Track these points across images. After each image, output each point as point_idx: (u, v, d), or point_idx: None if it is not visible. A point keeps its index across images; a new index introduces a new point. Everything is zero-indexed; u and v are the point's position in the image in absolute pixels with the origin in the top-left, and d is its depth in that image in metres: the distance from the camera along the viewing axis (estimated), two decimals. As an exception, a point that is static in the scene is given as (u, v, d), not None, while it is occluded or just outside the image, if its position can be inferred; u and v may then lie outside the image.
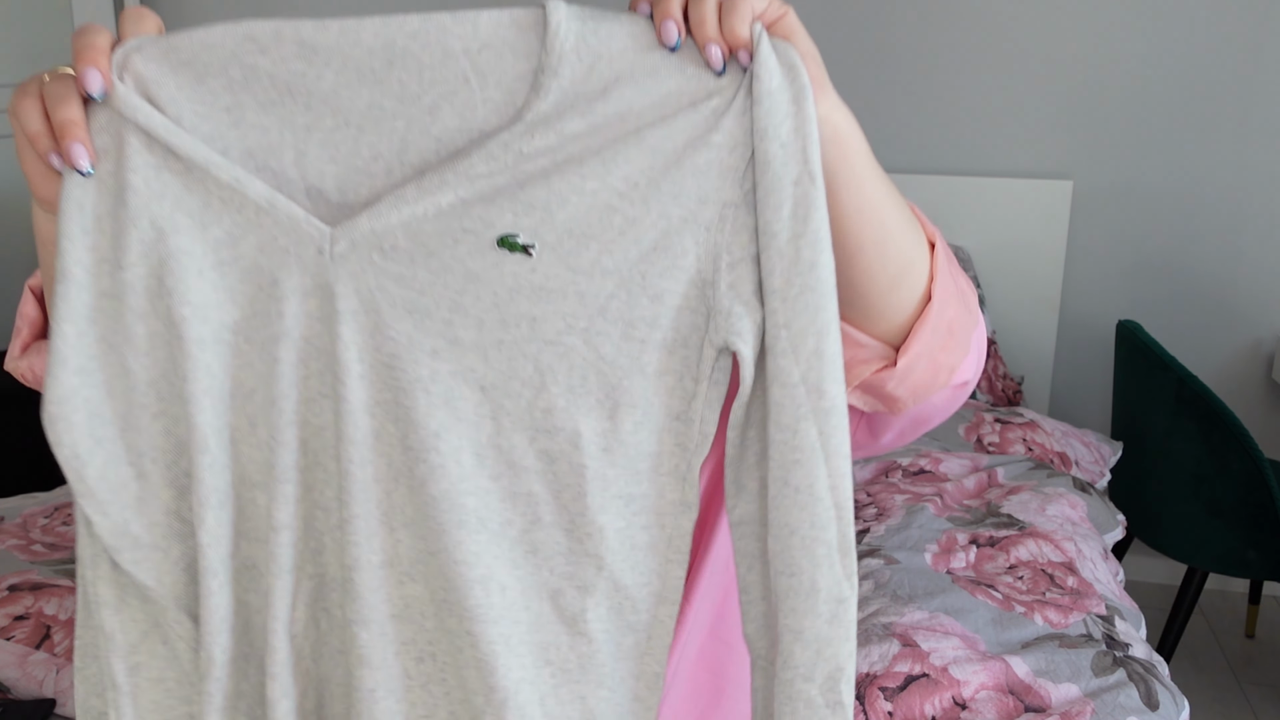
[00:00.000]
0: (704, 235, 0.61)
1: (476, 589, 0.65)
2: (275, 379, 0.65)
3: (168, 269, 0.64)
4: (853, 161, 0.65)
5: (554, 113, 0.60)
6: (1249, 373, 2.67)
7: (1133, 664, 1.27)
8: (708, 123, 0.60)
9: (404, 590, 0.67)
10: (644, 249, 0.62)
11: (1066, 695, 1.21)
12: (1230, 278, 2.63)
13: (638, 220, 0.61)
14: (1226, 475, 2.06)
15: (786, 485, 0.62)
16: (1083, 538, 1.60)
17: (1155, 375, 2.13)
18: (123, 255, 0.64)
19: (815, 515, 0.62)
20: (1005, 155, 2.68)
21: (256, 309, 0.65)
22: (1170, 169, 2.60)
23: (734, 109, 0.60)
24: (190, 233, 0.63)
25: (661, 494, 0.66)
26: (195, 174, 0.63)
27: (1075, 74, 2.60)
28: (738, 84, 0.60)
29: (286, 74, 0.61)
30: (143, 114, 0.62)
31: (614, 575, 0.67)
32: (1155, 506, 2.22)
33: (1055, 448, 1.98)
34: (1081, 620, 1.36)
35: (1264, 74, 2.51)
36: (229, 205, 0.63)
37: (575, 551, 0.66)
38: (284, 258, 0.63)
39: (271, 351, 0.65)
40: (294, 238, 0.63)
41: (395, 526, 0.66)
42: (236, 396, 0.66)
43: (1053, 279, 2.65)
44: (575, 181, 0.61)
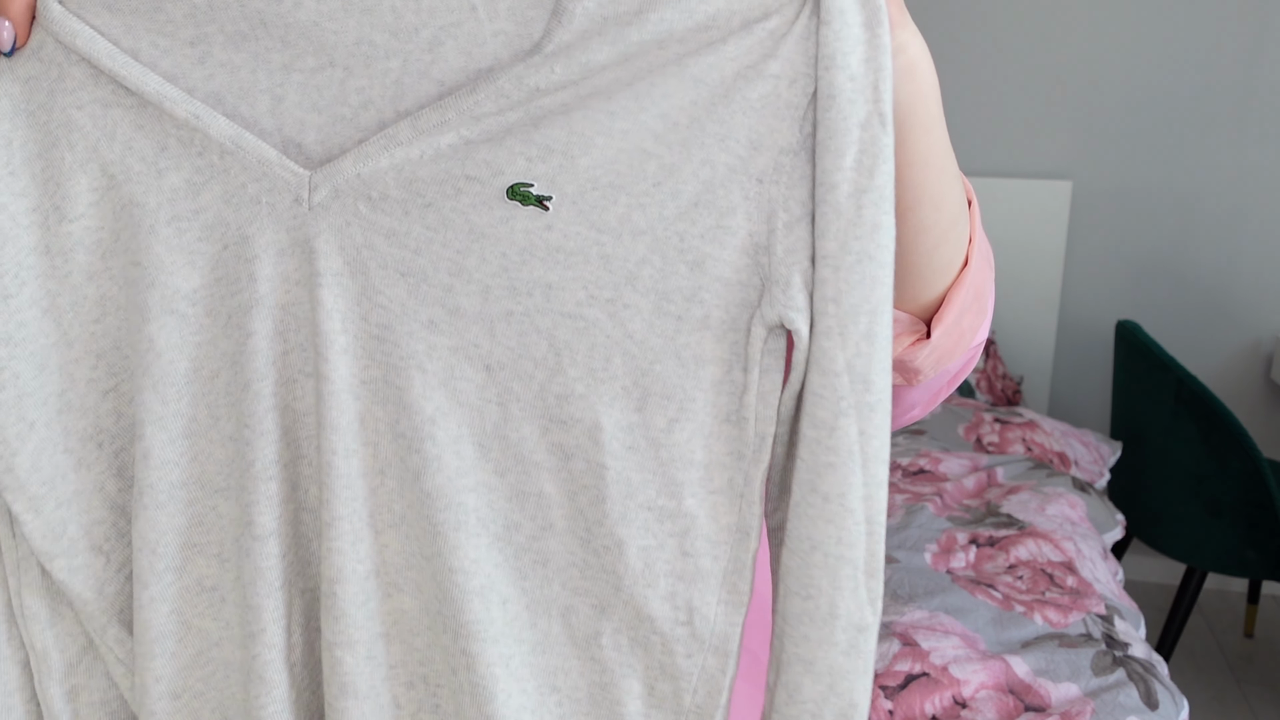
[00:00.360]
0: (756, 189, 0.50)
1: (474, 601, 0.55)
2: (247, 357, 0.54)
3: (122, 222, 0.53)
4: (927, 102, 0.54)
5: (578, 41, 0.48)
6: (1248, 373, 2.68)
7: (1132, 663, 1.28)
8: (764, 48, 0.48)
9: (391, 603, 0.57)
10: (683, 204, 0.50)
11: (1066, 694, 1.21)
12: (1229, 278, 2.63)
13: (676, 168, 0.50)
14: (1225, 475, 2.06)
15: (814, 492, 0.51)
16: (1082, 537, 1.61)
17: (1154, 375, 2.13)
18: (68, 204, 0.53)
19: (844, 530, 0.52)
20: (1005, 155, 2.68)
21: (221, 273, 0.53)
22: (1170, 169, 2.60)
23: (795, 32, 0.48)
24: (144, 180, 0.53)
25: (714, 516, 0.55)
26: (149, 111, 0.52)
27: (1075, 74, 2.60)
28: (801, 1, 0.48)
29: (259, 1, 0.50)
30: (83, 39, 0.51)
31: (636, 602, 0.55)
32: (1154, 506, 2.23)
33: (1055, 447, 1.98)
34: (1081, 620, 1.36)
35: (1263, 75, 2.51)
36: (188, 148, 0.52)
37: (591, 565, 0.56)
38: (254, 209, 0.52)
39: (242, 324, 0.54)
40: (265, 185, 0.52)
41: (382, 528, 0.56)
42: (194, 381, 0.55)
43: (1052, 279, 2.66)
44: (602, 120, 0.49)
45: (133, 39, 0.51)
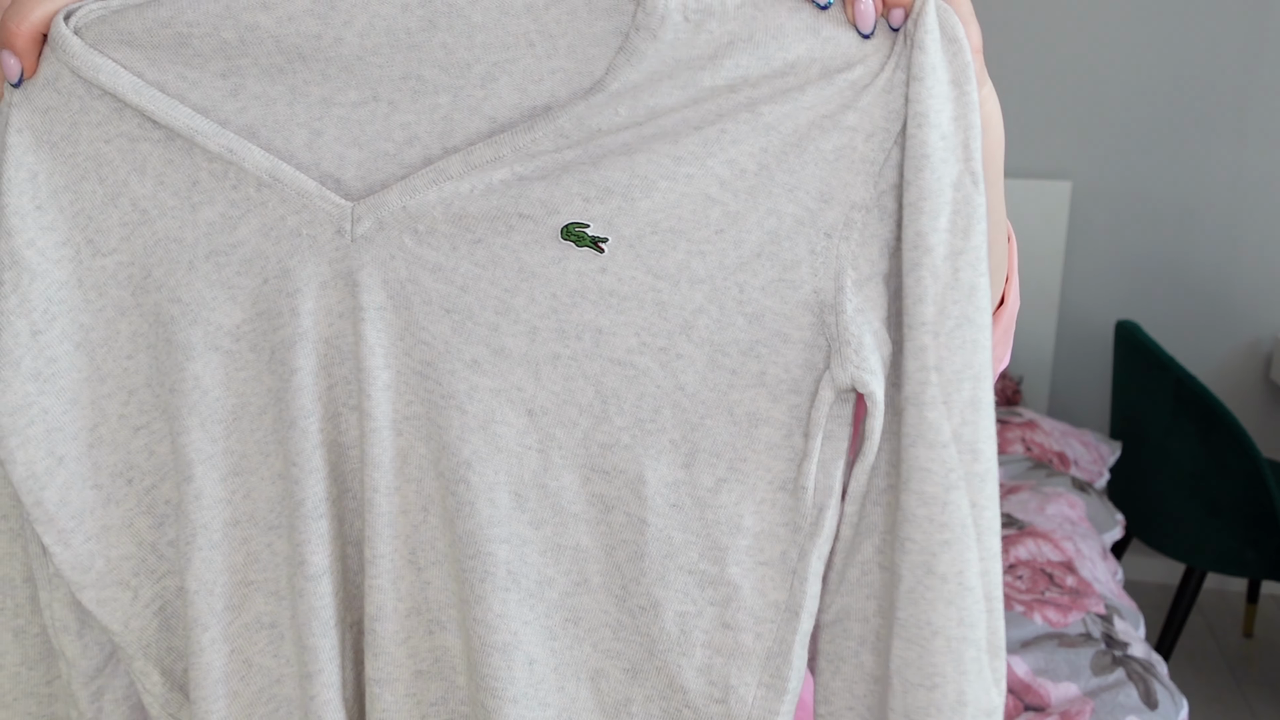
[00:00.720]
0: (824, 243, 0.48)
1: (495, 657, 0.52)
2: (293, 393, 0.53)
3: (155, 258, 0.52)
4: (998, 156, 0.52)
5: (645, 83, 0.46)
6: (1247, 372, 2.68)
7: (1132, 663, 1.28)
8: (842, 99, 0.47)
9: (434, 640, 0.56)
10: (745, 254, 0.49)
11: (1066, 694, 1.21)
12: (1229, 278, 2.64)
13: (740, 217, 0.48)
14: (1225, 475, 2.06)
15: (931, 574, 0.48)
16: (1082, 537, 1.61)
17: (1154, 375, 2.13)
18: (100, 238, 0.52)
19: (965, 610, 0.49)
20: (1005, 155, 2.68)
21: (262, 307, 0.52)
22: (1170, 169, 2.61)
23: (878, 85, 0.47)
24: (178, 215, 0.51)
25: (760, 590, 0.52)
26: (179, 144, 0.51)
27: (1075, 74, 2.60)
28: (885, 54, 0.47)
29: (296, 36, 0.48)
30: (106, 74, 0.49)
31: (670, 671, 0.52)
32: (1154, 506, 2.23)
33: (1054, 447, 1.98)
34: (1081, 619, 1.37)
35: (1263, 75, 2.52)
36: (222, 181, 0.51)
37: (625, 626, 0.53)
38: (294, 242, 0.51)
39: (285, 359, 0.53)
40: (305, 217, 0.51)
41: (425, 565, 0.55)
42: (241, 419, 0.54)
43: (1052, 279, 2.66)
44: (666, 164, 0.48)
45: (158, 71, 0.50)
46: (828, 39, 0.46)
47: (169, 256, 0.52)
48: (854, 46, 0.47)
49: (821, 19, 0.46)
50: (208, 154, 0.51)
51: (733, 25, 0.46)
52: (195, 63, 0.50)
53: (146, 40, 0.50)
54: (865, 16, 0.46)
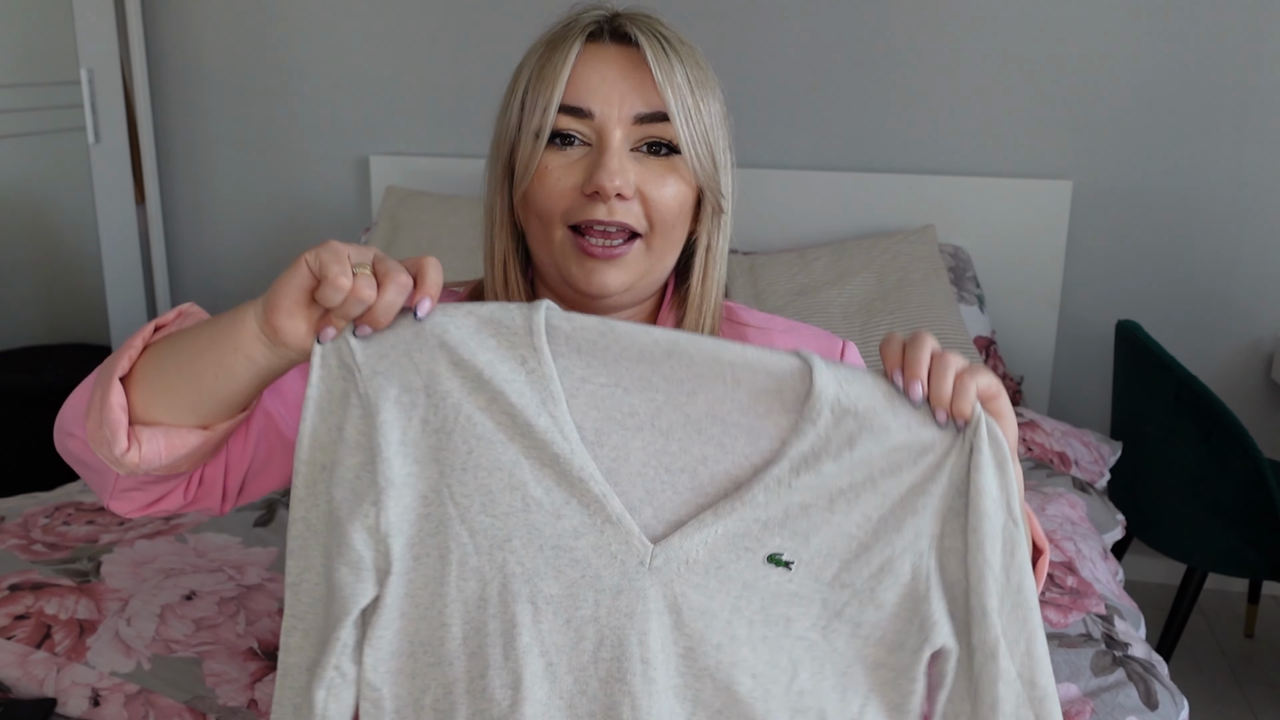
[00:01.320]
0: (918, 561, 0.77)
1: None
2: (579, 653, 0.78)
3: (518, 531, 0.77)
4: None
5: (811, 454, 0.76)
6: (1248, 373, 2.68)
7: (1132, 663, 1.27)
8: (926, 474, 0.76)
9: None
10: (873, 569, 0.77)
11: (1066, 695, 1.21)
12: (1230, 278, 2.63)
13: (869, 547, 0.77)
14: (1226, 475, 2.06)
15: None
16: (1082, 537, 1.61)
17: (1155, 375, 2.13)
18: (469, 503, 0.77)
19: None
20: (1005, 155, 2.68)
21: (573, 591, 0.77)
22: (1170, 169, 2.60)
23: (948, 464, 0.76)
24: (544, 515, 0.77)
25: None
26: (558, 470, 0.77)
27: (1075, 74, 2.60)
28: (950, 441, 0.76)
29: (669, 413, 0.79)
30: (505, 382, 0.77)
31: None
32: (1155, 506, 2.22)
33: (1055, 447, 1.98)
34: (1081, 620, 1.36)
35: (1264, 74, 2.51)
36: (584, 508, 0.77)
37: None
38: (611, 559, 0.77)
39: (580, 632, 0.78)
40: (624, 547, 0.77)
41: None
42: (549, 679, 0.79)
43: (1052, 279, 2.65)
44: (827, 515, 0.77)
45: (582, 413, 0.78)
46: (916, 432, 0.75)
47: (530, 537, 0.77)
48: (929, 433, 0.75)
49: (911, 419, 0.75)
50: (581, 489, 0.76)
51: (861, 420, 0.75)
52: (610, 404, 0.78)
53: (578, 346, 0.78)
54: (941, 419, 0.75)
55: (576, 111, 0.89)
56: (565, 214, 0.90)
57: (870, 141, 2.73)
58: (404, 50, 2.94)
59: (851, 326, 2.37)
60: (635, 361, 0.76)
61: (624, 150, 0.89)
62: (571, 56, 0.89)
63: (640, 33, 0.89)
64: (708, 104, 0.92)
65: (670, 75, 0.89)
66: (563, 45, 0.90)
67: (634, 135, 0.89)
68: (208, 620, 1.35)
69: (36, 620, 1.32)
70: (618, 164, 0.88)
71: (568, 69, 0.89)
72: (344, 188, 3.08)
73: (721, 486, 0.77)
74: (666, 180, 0.90)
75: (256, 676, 1.25)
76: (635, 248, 0.91)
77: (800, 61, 2.72)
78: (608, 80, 0.89)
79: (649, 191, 0.90)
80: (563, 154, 0.90)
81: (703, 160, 0.91)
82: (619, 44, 0.90)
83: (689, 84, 0.90)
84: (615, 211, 0.88)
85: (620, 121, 0.89)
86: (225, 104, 3.10)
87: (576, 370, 0.77)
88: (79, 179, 3.14)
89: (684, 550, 0.77)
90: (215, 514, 0.97)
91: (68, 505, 1.67)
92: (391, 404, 0.76)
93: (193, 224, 3.21)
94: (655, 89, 0.89)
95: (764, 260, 2.57)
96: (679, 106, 0.89)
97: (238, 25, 3.03)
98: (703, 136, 0.91)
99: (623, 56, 0.90)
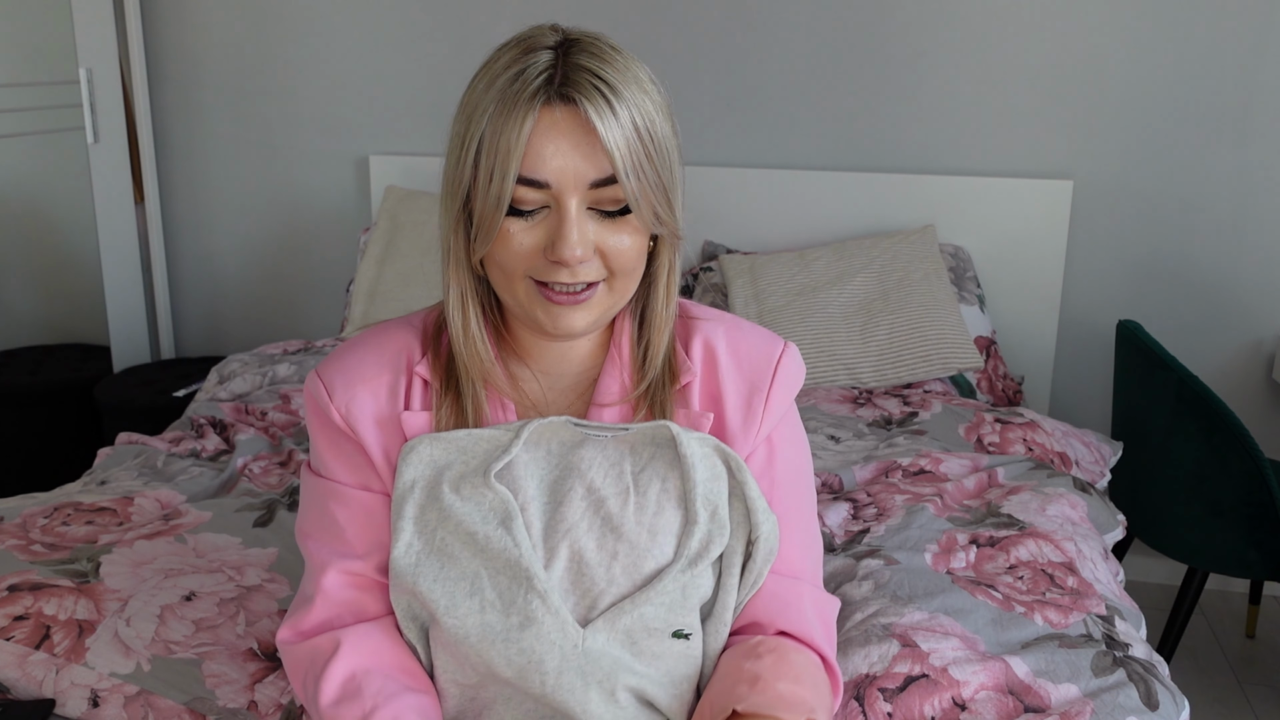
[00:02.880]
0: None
1: None
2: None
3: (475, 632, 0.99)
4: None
5: (700, 548, 1.02)
6: (1249, 373, 2.67)
7: (1133, 664, 1.27)
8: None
9: None
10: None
11: (1066, 695, 1.21)
12: (1230, 278, 2.63)
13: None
14: (1227, 475, 2.06)
15: None
16: (1083, 538, 1.60)
17: (1156, 375, 2.13)
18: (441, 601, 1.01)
19: None
20: (1005, 155, 2.68)
21: (522, 674, 0.97)
22: (1171, 169, 2.60)
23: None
24: (496, 615, 0.98)
25: None
26: (521, 579, 0.98)
27: (1075, 74, 2.60)
28: None
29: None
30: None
31: None
32: (1155, 506, 2.22)
33: (1055, 448, 1.98)
34: (1081, 620, 1.36)
35: (1264, 74, 2.51)
36: (545, 617, 0.97)
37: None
38: (550, 644, 0.96)
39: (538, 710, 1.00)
40: (564, 633, 0.97)
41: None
42: None
43: (1053, 279, 2.65)
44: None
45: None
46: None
47: (481, 634, 0.98)
48: None
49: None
50: (537, 593, 0.97)
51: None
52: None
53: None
54: None
55: (533, 183, 0.92)
56: (528, 271, 0.95)
57: (870, 141, 2.73)
58: (404, 50, 2.94)
59: (851, 326, 2.37)
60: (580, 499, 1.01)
61: (582, 217, 0.93)
62: (525, 130, 0.90)
63: (582, 96, 0.90)
64: (656, 144, 0.94)
65: (616, 137, 0.91)
66: (514, 114, 0.91)
67: (589, 198, 0.93)
68: (207, 621, 1.35)
69: (35, 621, 1.32)
70: (577, 235, 0.92)
71: (522, 145, 0.90)
72: (344, 188, 3.07)
73: (634, 580, 0.99)
74: (622, 234, 0.94)
75: (256, 677, 1.25)
76: (598, 290, 0.96)
77: (800, 61, 2.72)
78: (560, 151, 0.91)
79: (606, 245, 0.94)
80: (522, 220, 0.94)
81: (658, 208, 0.95)
82: (566, 105, 0.91)
83: (636, 135, 0.92)
84: (578, 274, 0.94)
85: (575, 189, 0.92)
86: (224, 104, 3.09)
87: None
88: (78, 179, 3.14)
89: (609, 627, 0.98)
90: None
91: (67, 505, 1.67)
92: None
93: (192, 224, 3.21)
94: (605, 152, 0.91)
95: (764, 260, 2.57)
96: (629, 168, 0.91)
97: (237, 25, 3.03)
98: (654, 185, 0.94)
99: (572, 121, 0.91)
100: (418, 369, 1.04)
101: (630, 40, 1.86)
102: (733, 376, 1.06)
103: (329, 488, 1.06)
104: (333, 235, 3.11)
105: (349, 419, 1.04)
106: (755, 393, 1.05)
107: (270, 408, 2.16)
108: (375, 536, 1.04)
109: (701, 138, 2.80)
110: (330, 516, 1.05)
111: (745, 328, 1.09)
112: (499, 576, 0.97)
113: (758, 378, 1.06)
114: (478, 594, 0.97)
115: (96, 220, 3.06)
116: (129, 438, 2.04)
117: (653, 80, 0.96)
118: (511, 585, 0.97)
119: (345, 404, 1.04)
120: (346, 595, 1.04)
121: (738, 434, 1.05)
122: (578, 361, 1.06)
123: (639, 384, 1.04)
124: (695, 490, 1.00)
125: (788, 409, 1.09)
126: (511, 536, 0.97)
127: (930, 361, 2.31)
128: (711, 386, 1.06)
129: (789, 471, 1.09)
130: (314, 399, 1.06)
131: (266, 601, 1.40)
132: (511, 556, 0.96)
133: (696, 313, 1.10)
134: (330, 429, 1.06)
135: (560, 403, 1.06)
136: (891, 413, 2.13)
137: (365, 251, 2.77)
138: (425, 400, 1.04)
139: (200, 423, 2.11)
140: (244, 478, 1.88)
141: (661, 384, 1.04)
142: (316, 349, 2.51)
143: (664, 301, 1.03)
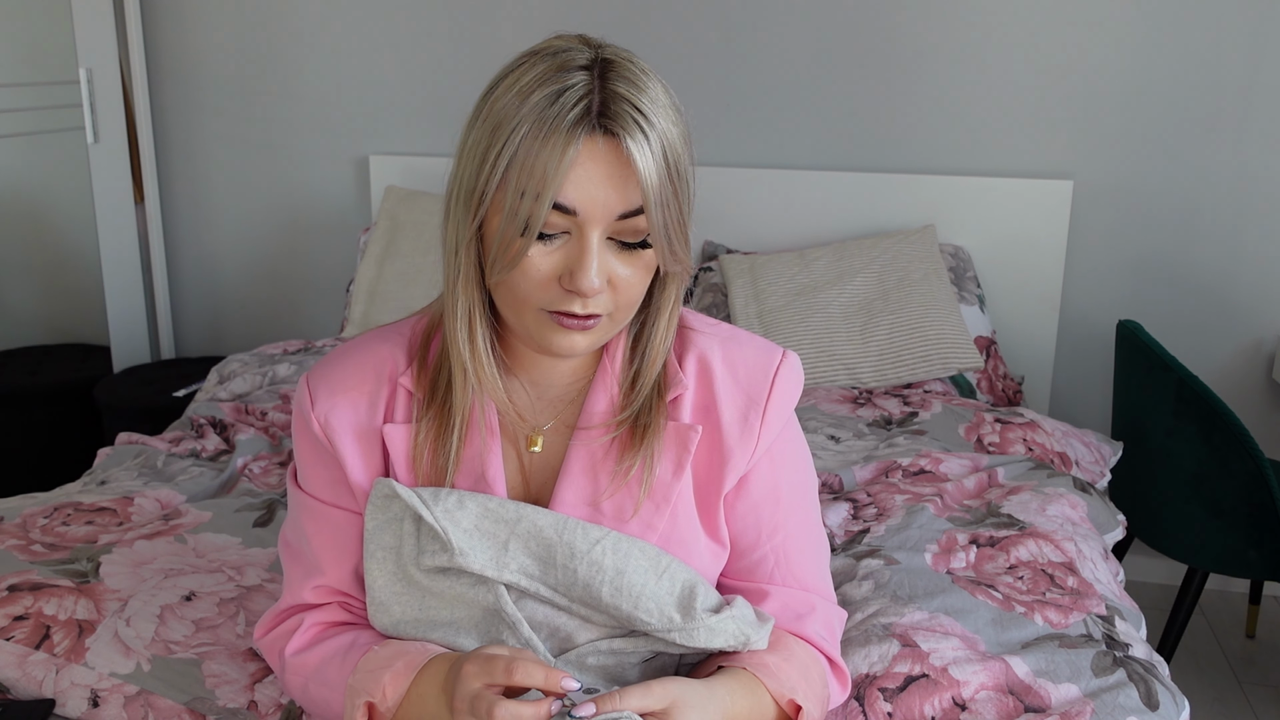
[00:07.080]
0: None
1: None
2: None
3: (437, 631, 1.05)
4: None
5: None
6: (1249, 373, 2.67)
7: (1133, 664, 1.27)
8: None
9: None
10: None
11: (1066, 695, 1.21)
12: (1231, 277, 2.63)
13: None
14: (1227, 475, 2.06)
15: None
16: (1083, 538, 1.60)
17: (1156, 375, 2.13)
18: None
19: None
20: (1005, 155, 2.68)
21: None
22: (1170, 169, 2.60)
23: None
24: (472, 633, 1.04)
25: None
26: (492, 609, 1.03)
27: (1075, 74, 2.60)
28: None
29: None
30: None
31: None
32: (1156, 506, 2.22)
33: (1055, 448, 1.98)
34: (1081, 620, 1.36)
35: (1264, 74, 2.51)
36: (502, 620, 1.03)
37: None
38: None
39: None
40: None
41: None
42: None
43: (1053, 279, 2.65)
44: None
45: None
46: None
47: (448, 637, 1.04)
48: None
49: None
50: (510, 627, 1.02)
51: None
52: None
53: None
54: None
55: (562, 209, 0.90)
56: (542, 304, 0.94)
57: (870, 141, 2.73)
58: (404, 50, 2.94)
59: (851, 326, 2.37)
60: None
61: (602, 247, 0.92)
62: (568, 158, 0.88)
63: (624, 131, 0.89)
64: (680, 176, 0.93)
65: (650, 172, 0.89)
66: (554, 139, 0.88)
67: (611, 229, 0.92)
68: (207, 621, 1.35)
69: (35, 621, 1.32)
70: (598, 267, 0.91)
71: (563, 173, 0.88)
72: (344, 187, 3.07)
73: (610, 629, 1.03)
74: (634, 267, 0.94)
75: (256, 677, 1.25)
76: (603, 320, 0.96)
77: (800, 61, 2.72)
78: (594, 180, 0.89)
79: (617, 276, 0.94)
80: (541, 244, 0.92)
81: (675, 242, 0.94)
82: (607, 137, 0.89)
83: (665, 168, 0.91)
84: (589, 305, 0.93)
85: (601, 220, 0.91)
86: (224, 103, 3.09)
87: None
88: (78, 179, 3.14)
89: (578, 661, 1.03)
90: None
91: (66, 505, 1.67)
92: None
93: (192, 224, 3.21)
94: (636, 185, 0.90)
95: (764, 260, 2.57)
96: (656, 201, 0.90)
97: (237, 25, 3.03)
98: (675, 219, 0.93)
99: (612, 154, 0.90)
100: (402, 380, 1.04)
101: (630, 40, 1.86)
102: (729, 389, 1.05)
103: (304, 501, 1.08)
104: (333, 235, 3.11)
105: (327, 429, 1.04)
106: (752, 406, 1.05)
107: (270, 408, 2.16)
108: (343, 556, 1.07)
109: (701, 138, 2.80)
110: (302, 531, 1.08)
111: (742, 339, 1.09)
112: (475, 613, 1.03)
113: (755, 391, 1.05)
114: (454, 624, 1.04)
115: (96, 220, 3.06)
116: (129, 438, 2.04)
117: (676, 106, 0.94)
118: (485, 618, 1.03)
119: (325, 413, 1.04)
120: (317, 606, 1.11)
121: (735, 448, 1.04)
122: (568, 374, 1.06)
123: (626, 407, 1.03)
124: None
125: (788, 420, 1.09)
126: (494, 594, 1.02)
127: (930, 361, 2.31)
128: (705, 399, 1.05)
129: (794, 485, 1.09)
130: (299, 404, 1.07)
131: (266, 601, 1.40)
132: (489, 604, 1.02)
133: (694, 324, 1.09)
134: (309, 438, 1.06)
135: (548, 414, 1.06)
136: (891, 413, 2.13)
137: (365, 251, 2.77)
138: (408, 412, 1.04)
139: (200, 423, 2.11)
140: (244, 478, 1.88)
141: (649, 406, 1.03)
142: (316, 349, 2.51)
143: (663, 334, 1.03)
